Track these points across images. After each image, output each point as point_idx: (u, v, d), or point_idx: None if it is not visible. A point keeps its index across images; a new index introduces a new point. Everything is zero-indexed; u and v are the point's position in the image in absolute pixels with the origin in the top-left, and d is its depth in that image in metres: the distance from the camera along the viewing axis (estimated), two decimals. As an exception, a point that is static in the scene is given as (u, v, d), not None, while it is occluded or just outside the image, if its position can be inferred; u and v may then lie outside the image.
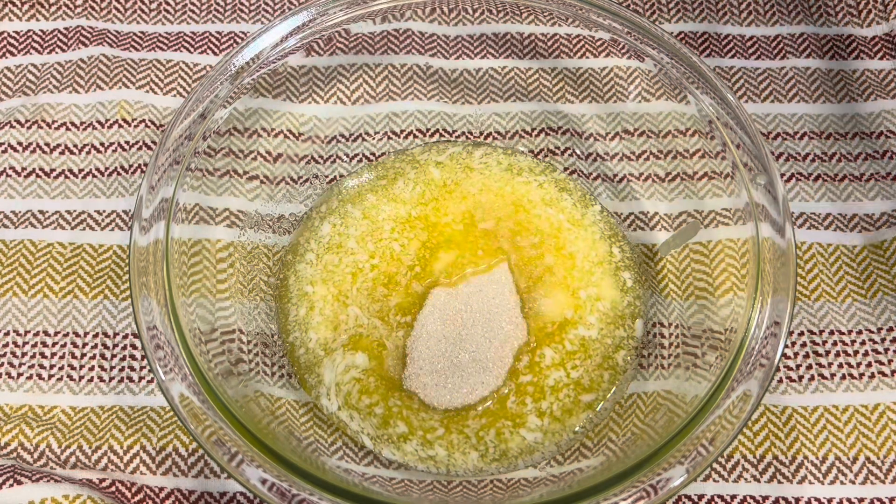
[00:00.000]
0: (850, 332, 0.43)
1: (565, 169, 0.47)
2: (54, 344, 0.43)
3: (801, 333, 0.43)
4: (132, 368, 0.42)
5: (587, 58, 0.49)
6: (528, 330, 0.42)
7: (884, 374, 0.42)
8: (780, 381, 0.42)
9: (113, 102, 0.49)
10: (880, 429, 0.40)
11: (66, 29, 0.51)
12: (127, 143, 0.48)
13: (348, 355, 0.42)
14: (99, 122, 0.48)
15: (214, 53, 0.51)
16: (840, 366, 0.42)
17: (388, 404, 0.41)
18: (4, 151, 0.48)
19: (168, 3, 0.52)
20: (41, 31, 0.51)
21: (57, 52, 0.51)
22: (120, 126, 0.48)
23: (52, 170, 0.47)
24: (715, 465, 0.40)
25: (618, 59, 0.49)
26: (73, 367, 0.42)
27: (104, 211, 0.46)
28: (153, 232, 0.38)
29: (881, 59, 0.50)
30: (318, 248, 0.44)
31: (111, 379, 0.42)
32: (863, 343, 0.43)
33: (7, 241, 0.45)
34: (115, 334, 0.43)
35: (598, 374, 0.41)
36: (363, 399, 0.41)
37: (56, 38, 0.51)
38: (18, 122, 0.48)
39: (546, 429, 0.41)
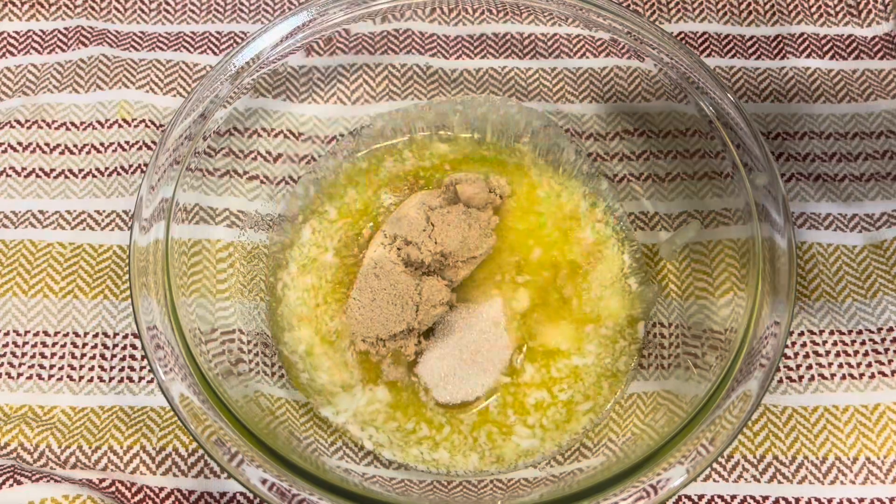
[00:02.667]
0: (850, 332, 0.43)
1: (565, 170, 0.47)
2: (54, 344, 0.43)
3: (801, 333, 0.43)
4: (132, 368, 0.42)
5: (587, 58, 0.49)
6: (527, 346, 0.42)
7: (884, 374, 0.42)
8: (780, 381, 0.42)
9: (113, 102, 0.49)
10: (880, 429, 0.40)
11: (66, 29, 0.51)
12: (127, 143, 0.48)
13: (368, 392, 0.42)
14: (99, 122, 0.48)
15: (214, 53, 0.51)
16: (840, 366, 0.42)
17: (405, 418, 0.41)
18: (4, 151, 0.48)
19: (168, 3, 0.52)
20: (41, 31, 0.51)
21: (57, 52, 0.51)
22: (120, 126, 0.48)
23: (52, 170, 0.47)
24: (715, 465, 0.40)
25: (618, 59, 0.49)
26: (73, 367, 0.42)
27: (104, 211, 0.46)
28: (153, 232, 0.38)
29: (881, 59, 0.50)
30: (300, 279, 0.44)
31: (111, 379, 0.42)
32: (863, 343, 0.43)
33: (7, 241, 0.45)
34: (115, 334, 0.43)
35: (596, 386, 0.41)
36: (387, 423, 0.41)
37: (56, 38, 0.51)
38: (18, 122, 0.48)
39: (545, 437, 0.41)
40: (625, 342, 0.42)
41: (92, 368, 0.42)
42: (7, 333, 0.43)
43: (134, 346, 0.43)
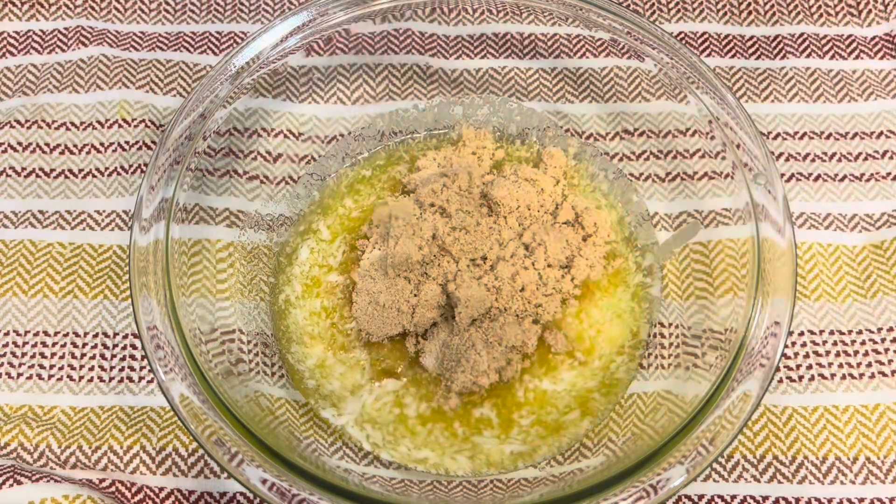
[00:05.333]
0: (850, 332, 0.43)
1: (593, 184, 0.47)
2: (54, 344, 0.43)
3: (801, 333, 0.43)
4: (132, 368, 0.42)
5: (587, 58, 0.49)
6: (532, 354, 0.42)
7: (884, 374, 0.42)
8: (780, 381, 0.42)
9: (113, 102, 0.49)
10: (880, 429, 0.40)
11: (66, 29, 0.51)
12: (127, 143, 0.48)
13: (377, 388, 0.42)
14: (99, 122, 0.48)
15: (214, 53, 0.51)
16: (840, 366, 0.42)
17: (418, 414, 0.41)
18: (4, 151, 0.48)
19: (168, 3, 0.52)
20: (41, 31, 0.51)
21: (57, 52, 0.51)
22: (120, 126, 0.48)
23: (52, 170, 0.47)
24: (715, 465, 0.40)
25: (618, 59, 0.49)
26: (73, 367, 0.42)
27: (104, 211, 0.46)
28: (153, 232, 0.38)
29: (881, 59, 0.50)
30: (303, 283, 0.44)
31: (111, 379, 0.42)
32: (863, 343, 0.43)
33: (7, 241, 0.45)
34: (115, 334, 0.43)
35: (593, 398, 0.41)
36: (391, 412, 0.41)
37: (56, 38, 0.51)
38: (18, 122, 0.48)
39: (544, 434, 0.41)
40: (626, 355, 0.42)
41: (92, 368, 0.42)
42: (7, 333, 0.43)
43: (134, 346, 0.43)
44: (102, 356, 0.43)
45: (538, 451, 0.40)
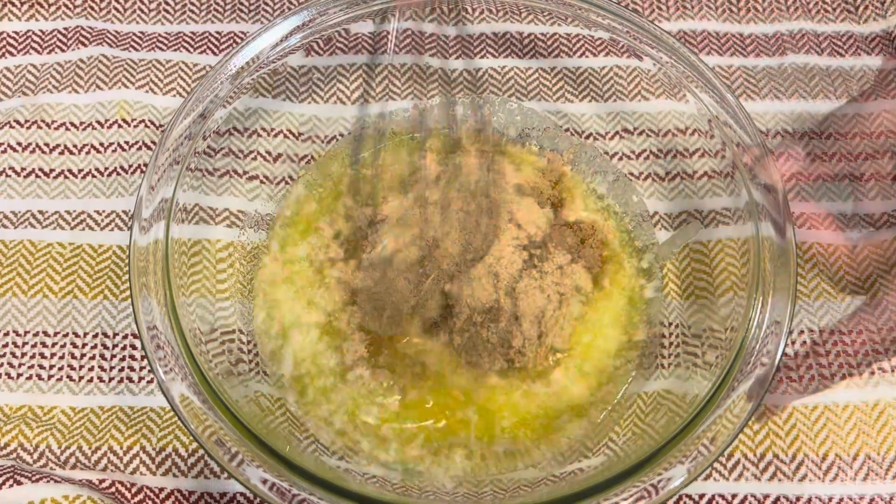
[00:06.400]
0: (850, 332, 0.43)
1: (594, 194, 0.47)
2: (54, 344, 0.43)
3: (801, 333, 0.43)
4: (132, 368, 0.42)
5: (587, 57, 0.49)
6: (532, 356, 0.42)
7: (883, 371, 0.42)
8: (780, 381, 0.42)
9: (113, 102, 0.49)
10: (880, 427, 0.41)
11: (65, 29, 0.51)
12: (127, 143, 0.48)
13: (366, 374, 0.42)
14: (99, 122, 0.48)
15: (214, 53, 0.51)
16: (840, 365, 0.42)
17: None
18: (4, 151, 0.48)
19: (168, 3, 0.52)
20: (41, 31, 0.51)
21: (57, 52, 0.51)
22: (120, 126, 0.48)
23: (52, 170, 0.47)
24: (716, 465, 0.40)
25: (618, 59, 0.49)
26: (72, 368, 0.42)
27: (104, 211, 0.46)
28: (153, 232, 0.38)
29: (881, 57, 0.50)
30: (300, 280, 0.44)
31: (111, 379, 0.42)
32: (863, 343, 0.43)
33: (7, 241, 0.45)
34: (115, 334, 0.43)
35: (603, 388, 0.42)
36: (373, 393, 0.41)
37: (56, 38, 0.51)
38: (18, 122, 0.48)
39: (540, 435, 0.41)
40: (623, 357, 0.42)
41: (92, 368, 0.42)
42: (7, 333, 0.43)
43: (134, 346, 0.43)
44: (102, 356, 0.43)
45: (536, 452, 0.40)
